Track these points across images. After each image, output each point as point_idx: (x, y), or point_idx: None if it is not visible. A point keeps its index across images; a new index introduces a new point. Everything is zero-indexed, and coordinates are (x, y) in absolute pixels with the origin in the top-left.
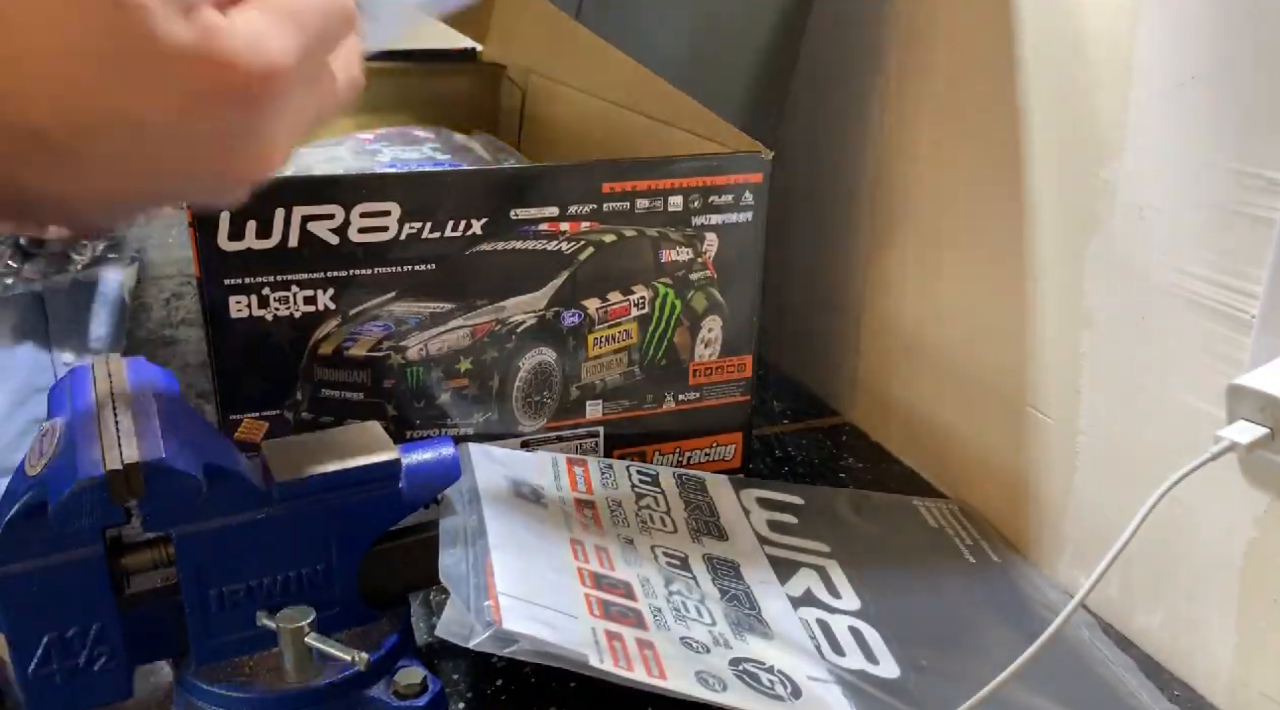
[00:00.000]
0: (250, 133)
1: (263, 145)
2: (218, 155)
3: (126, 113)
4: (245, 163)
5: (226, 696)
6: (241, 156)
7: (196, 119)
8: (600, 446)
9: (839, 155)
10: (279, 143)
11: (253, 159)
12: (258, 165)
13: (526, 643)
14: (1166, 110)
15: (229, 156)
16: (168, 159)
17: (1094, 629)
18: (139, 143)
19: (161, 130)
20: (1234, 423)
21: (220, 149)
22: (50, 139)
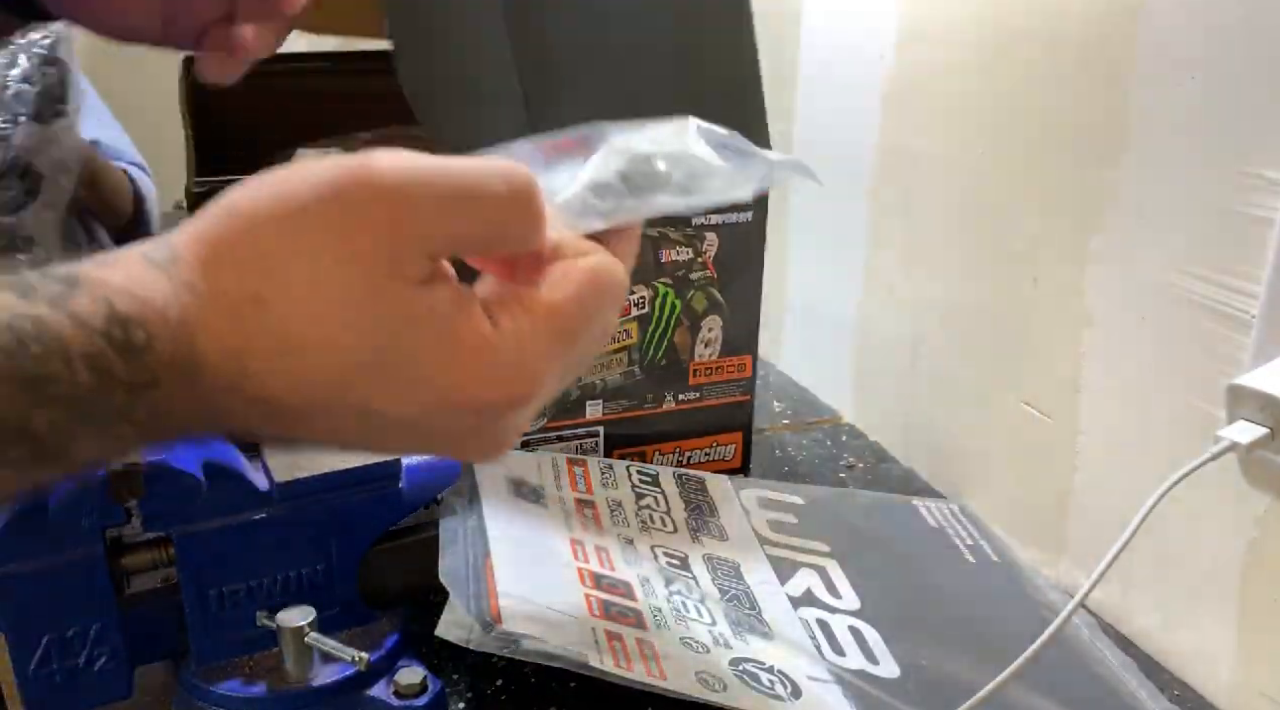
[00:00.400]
0: (490, 434)
1: (501, 440)
2: (451, 447)
3: (369, 407)
4: (478, 453)
5: (227, 696)
6: (475, 449)
7: (440, 421)
8: (600, 446)
9: (839, 155)
10: (517, 434)
11: (486, 450)
12: (490, 454)
13: (526, 643)
14: (1166, 110)
15: (462, 448)
16: (397, 442)
17: (1094, 629)
18: (375, 428)
19: (401, 425)
20: (1234, 423)
21: (454, 443)
22: (291, 412)
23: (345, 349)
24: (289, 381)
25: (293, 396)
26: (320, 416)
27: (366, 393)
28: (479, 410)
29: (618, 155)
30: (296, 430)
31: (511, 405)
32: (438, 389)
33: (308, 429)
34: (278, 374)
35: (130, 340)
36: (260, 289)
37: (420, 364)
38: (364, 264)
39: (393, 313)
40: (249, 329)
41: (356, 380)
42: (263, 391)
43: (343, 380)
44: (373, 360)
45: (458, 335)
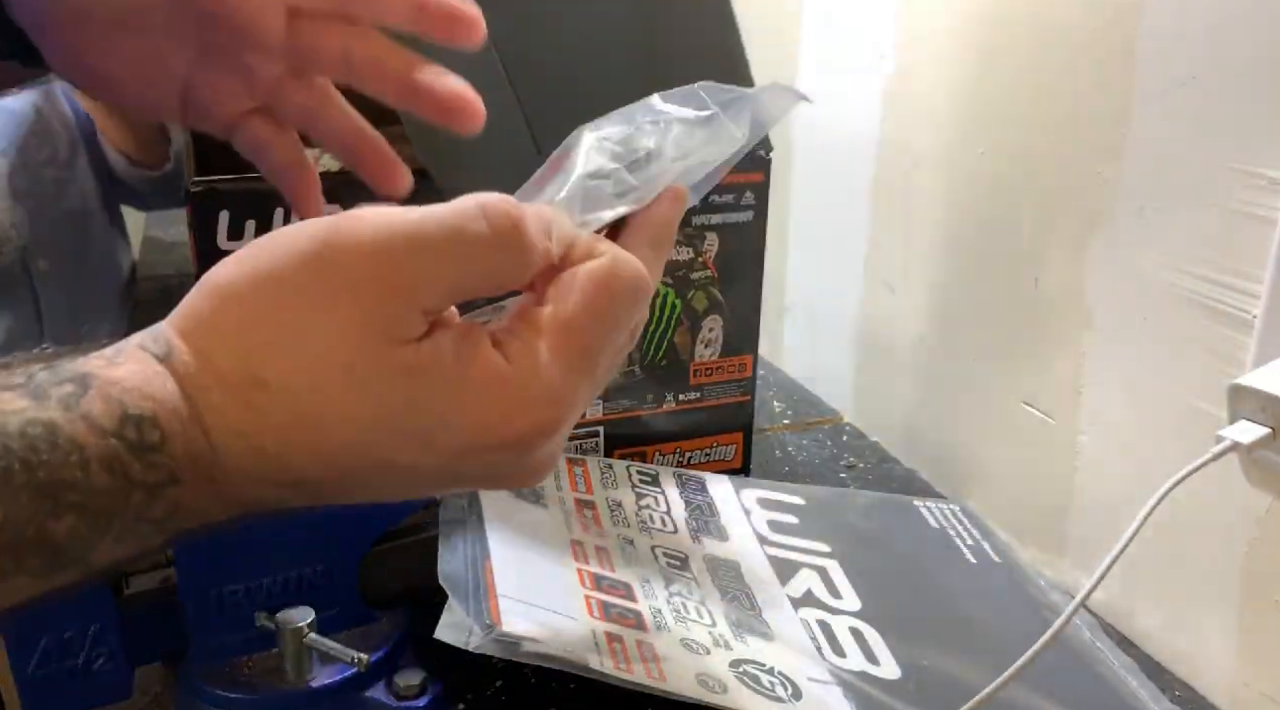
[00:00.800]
0: (527, 464)
1: (539, 467)
2: (491, 482)
3: (396, 462)
4: (520, 482)
5: (225, 697)
6: (516, 480)
7: (472, 461)
8: (600, 446)
9: (839, 154)
10: (555, 457)
11: (526, 479)
12: (531, 481)
13: (526, 645)
14: (1166, 110)
15: (504, 481)
16: (436, 486)
17: (1095, 630)
18: (407, 481)
19: (434, 473)
20: (1235, 423)
21: (492, 479)
22: (320, 484)
23: (357, 415)
24: (309, 455)
25: (316, 468)
26: (350, 481)
27: (390, 451)
28: (508, 445)
29: (600, 142)
30: (330, 498)
31: (541, 433)
32: (462, 433)
33: (341, 494)
34: (296, 449)
35: (145, 440)
36: (259, 370)
37: (438, 413)
38: (356, 331)
39: (397, 371)
40: (257, 410)
41: (376, 441)
42: (286, 471)
43: (362, 443)
44: (388, 420)
45: (470, 377)
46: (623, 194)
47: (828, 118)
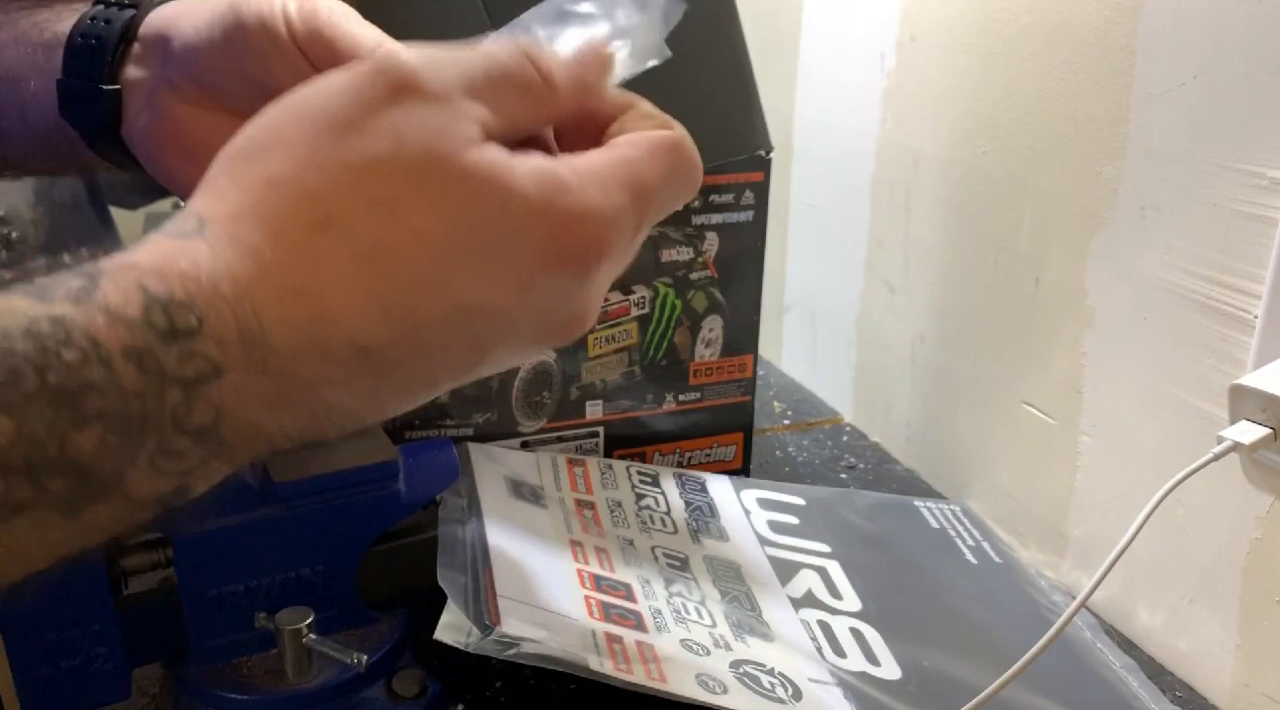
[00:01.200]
0: (580, 296)
1: (588, 303)
2: (546, 328)
3: (468, 302)
4: (571, 325)
5: (225, 698)
6: (568, 321)
7: (534, 298)
8: (600, 446)
9: (839, 154)
10: (599, 298)
11: (575, 318)
12: (579, 324)
13: (526, 646)
14: (1166, 110)
15: (558, 324)
16: (496, 342)
17: (1096, 630)
18: (476, 333)
19: (500, 318)
20: (1236, 423)
21: (548, 320)
22: (388, 349)
23: (429, 236)
24: (378, 310)
25: (385, 327)
26: (419, 340)
27: (463, 286)
28: (572, 258)
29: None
30: (397, 378)
31: (601, 248)
32: (532, 248)
33: (410, 363)
34: (362, 302)
35: (177, 325)
36: (316, 208)
37: (510, 225)
38: (419, 140)
39: (466, 176)
40: (318, 258)
41: (448, 272)
42: (350, 336)
43: (433, 279)
44: (462, 237)
45: (534, 182)
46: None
47: (828, 117)
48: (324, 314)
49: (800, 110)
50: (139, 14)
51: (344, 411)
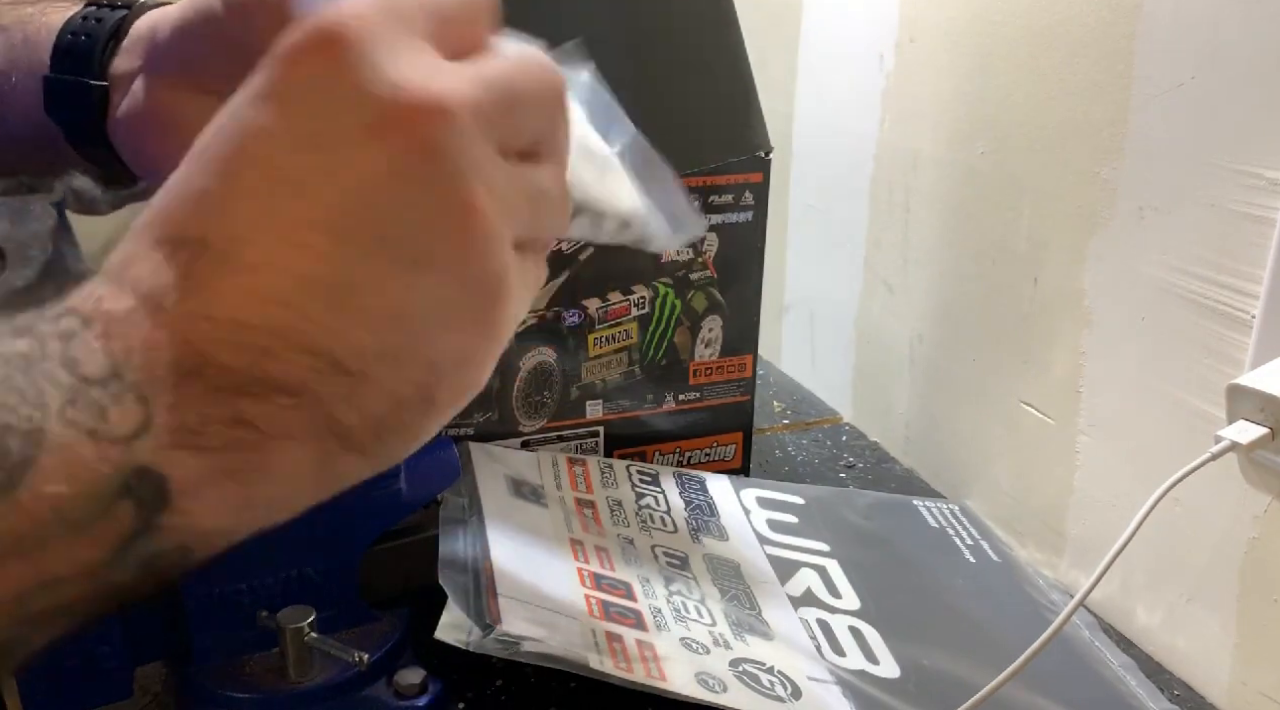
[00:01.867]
0: (485, 282)
1: (504, 296)
2: (429, 238)
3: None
4: (460, 235)
5: (227, 696)
6: (457, 232)
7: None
8: (600, 446)
9: (839, 154)
10: (520, 301)
11: (465, 228)
12: (501, 325)
13: (526, 645)
14: (1165, 110)
15: (470, 316)
16: (417, 292)
17: (1094, 629)
18: (375, 257)
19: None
20: (1234, 423)
21: (420, 225)
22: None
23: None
24: (291, 282)
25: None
26: (357, 305)
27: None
28: (399, 124)
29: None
30: (357, 362)
31: (421, 110)
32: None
33: (365, 353)
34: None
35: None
36: (193, 229)
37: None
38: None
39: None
40: (201, 278)
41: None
42: (286, 332)
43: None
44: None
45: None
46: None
47: (827, 118)
48: (245, 324)
49: (800, 111)
50: (130, 14)
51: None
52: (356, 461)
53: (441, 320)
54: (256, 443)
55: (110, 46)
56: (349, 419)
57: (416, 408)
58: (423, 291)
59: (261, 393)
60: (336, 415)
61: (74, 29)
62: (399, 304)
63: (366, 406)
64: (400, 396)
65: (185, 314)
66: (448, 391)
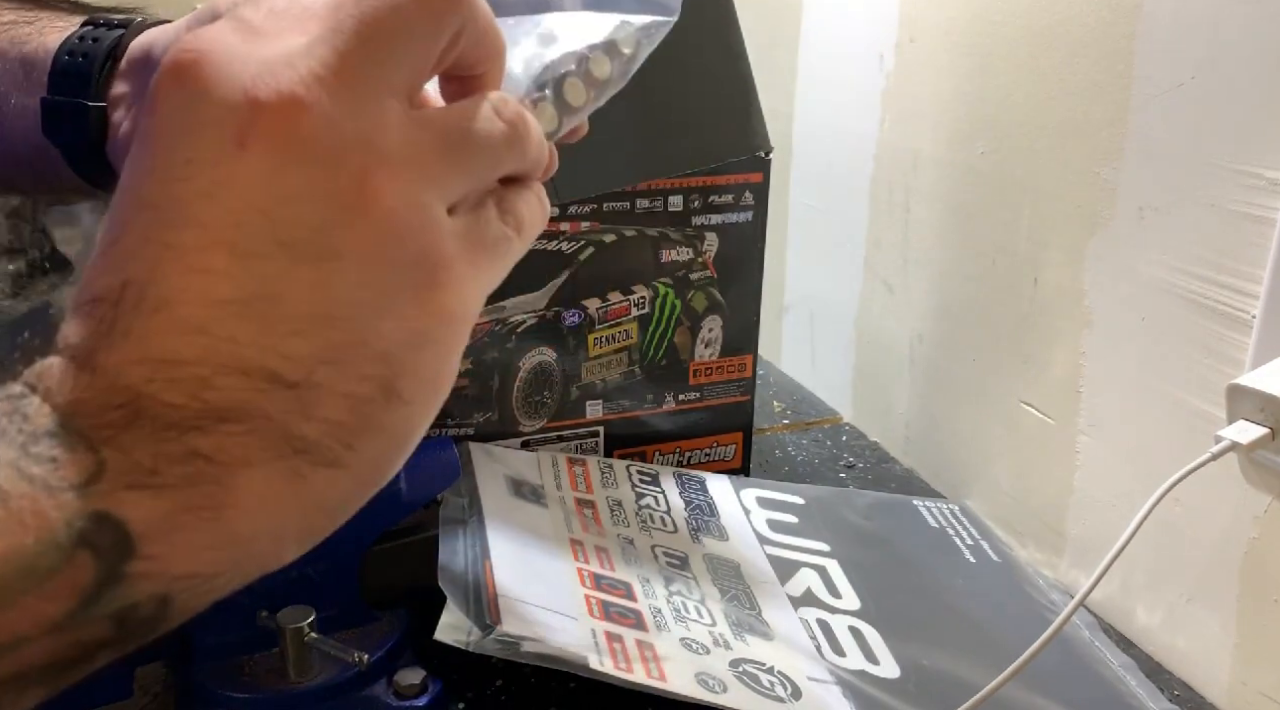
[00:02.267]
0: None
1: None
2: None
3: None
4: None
5: (226, 696)
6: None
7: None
8: (600, 446)
9: (839, 154)
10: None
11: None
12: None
13: (526, 645)
14: (1165, 110)
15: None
16: (346, 297)
17: (1094, 629)
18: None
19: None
20: (1234, 423)
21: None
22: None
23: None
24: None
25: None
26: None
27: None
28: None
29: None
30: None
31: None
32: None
33: (312, 357)
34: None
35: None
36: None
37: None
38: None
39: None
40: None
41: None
42: (220, 355)
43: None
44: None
45: None
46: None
47: (827, 118)
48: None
49: (800, 111)
50: (128, 34)
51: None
52: (335, 477)
53: (375, 308)
54: (216, 475)
55: (108, 67)
56: (307, 431)
57: (380, 404)
58: (343, 284)
59: (208, 424)
60: (292, 430)
61: (70, 49)
62: (322, 303)
63: (322, 414)
64: (357, 396)
65: (117, 363)
66: (411, 380)
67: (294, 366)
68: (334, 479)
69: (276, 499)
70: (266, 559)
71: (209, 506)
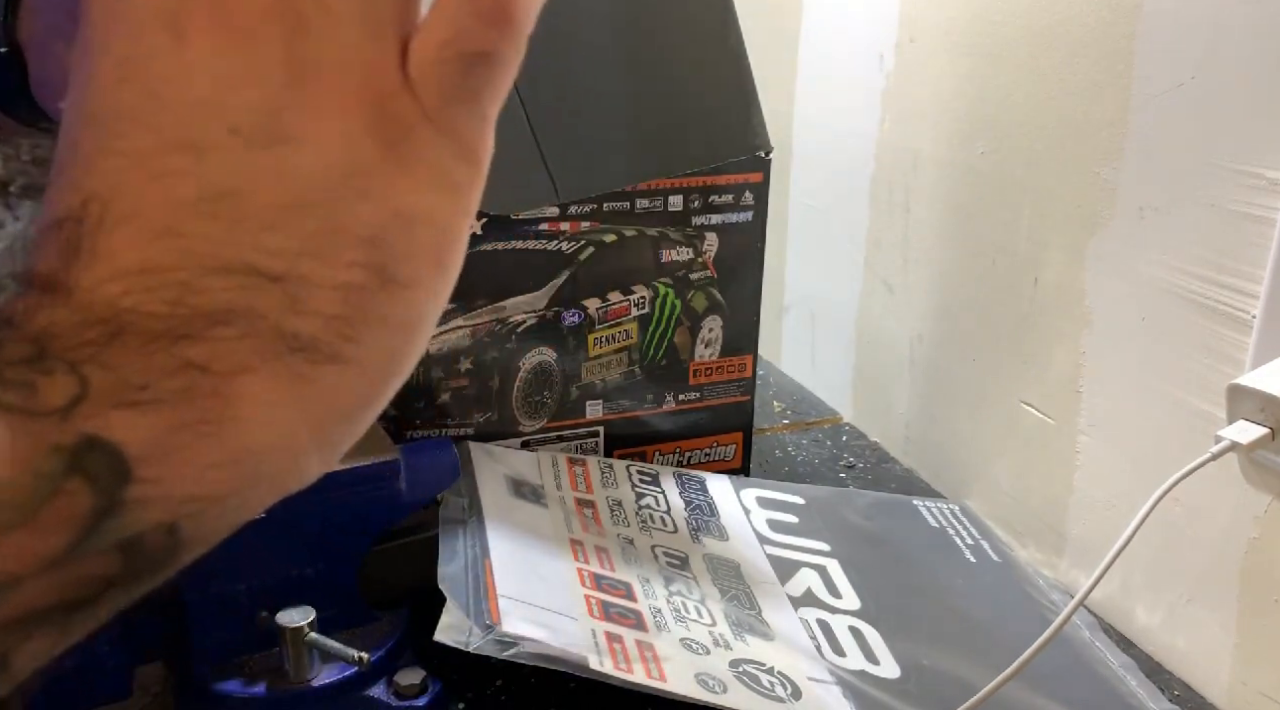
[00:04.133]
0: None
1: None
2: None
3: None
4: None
5: (226, 696)
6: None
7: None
8: (600, 446)
9: (839, 154)
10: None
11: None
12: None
13: (526, 645)
14: (1166, 110)
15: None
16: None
17: (1094, 629)
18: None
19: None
20: (1234, 423)
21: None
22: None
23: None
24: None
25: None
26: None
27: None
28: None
29: None
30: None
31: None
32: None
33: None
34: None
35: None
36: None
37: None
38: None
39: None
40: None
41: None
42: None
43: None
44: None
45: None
46: None
47: (827, 118)
48: (170, 229)
49: (800, 111)
50: None
51: (271, 428)
52: (342, 374)
53: (346, 190)
54: (212, 386)
55: (9, 10)
56: (301, 327)
57: (376, 290)
58: (305, 168)
59: (198, 331)
60: (286, 328)
61: None
62: (289, 191)
63: (314, 307)
64: (349, 285)
65: (91, 282)
66: (408, 264)
67: (274, 261)
68: (341, 377)
69: (281, 404)
70: (284, 476)
71: (208, 420)
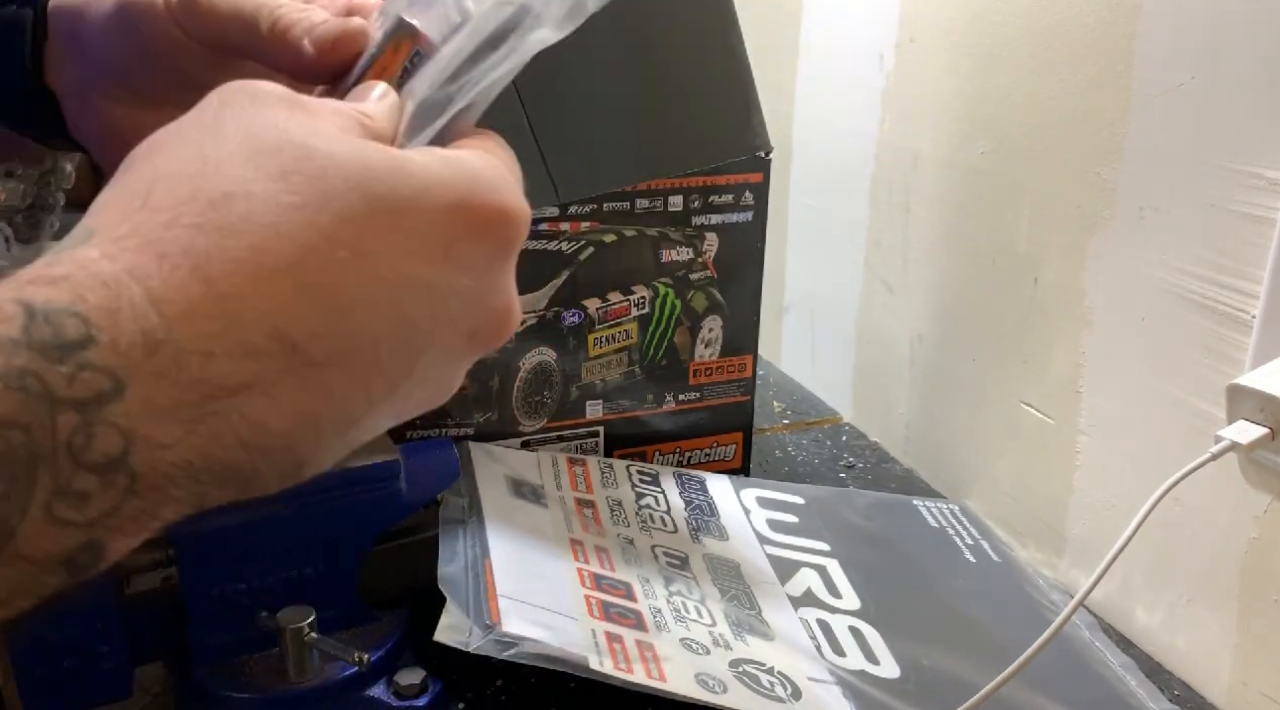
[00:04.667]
0: (501, 278)
1: (511, 295)
2: (473, 316)
3: (388, 273)
4: (496, 321)
5: (227, 696)
6: (494, 315)
7: (456, 265)
8: (600, 446)
9: (839, 154)
10: (515, 292)
11: (504, 314)
12: (507, 323)
13: (526, 645)
14: (1165, 111)
15: (484, 319)
16: (425, 342)
17: (1094, 629)
18: (398, 319)
19: (421, 291)
20: (1234, 423)
21: (474, 306)
22: (310, 347)
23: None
24: (291, 279)
25: (308, 302)
26: (350, 328)
27: (382, 247)
28: (480, 227)
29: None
30: (330, 377)
31: (508, 216)
32: (440, 213)
33: (340, 366)
34: (277, 276)
35: (65, 337)
36: (211, 190)
37: (412, 188)
38: (296, 127)
39: (358, 154)
40: (220, 235)
41: (363, 235)
42: (271, 317)
43: (352, 242)
44: (367, 203)
45: (425, 159)
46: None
47: (827, 118)
48: (237, 297)
49: (800, 111)
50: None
51: (275, 435)
52: None
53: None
54: None
55: (31, 45)
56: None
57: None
58: (446, 363)
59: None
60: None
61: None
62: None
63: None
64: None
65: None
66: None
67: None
68: None
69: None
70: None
71: None
